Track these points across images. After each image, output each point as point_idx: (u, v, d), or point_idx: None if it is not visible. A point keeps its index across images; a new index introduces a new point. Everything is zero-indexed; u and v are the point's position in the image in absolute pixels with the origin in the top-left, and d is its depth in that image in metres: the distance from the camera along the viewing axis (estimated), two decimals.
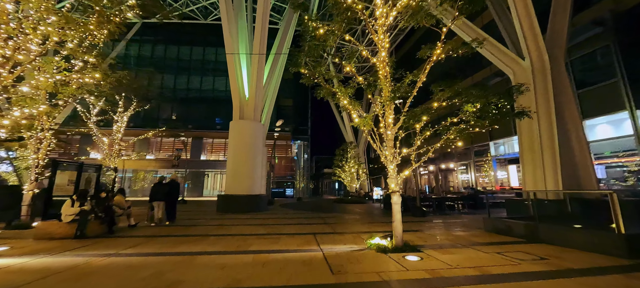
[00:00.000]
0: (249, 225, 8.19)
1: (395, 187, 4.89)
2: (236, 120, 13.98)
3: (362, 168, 23.71)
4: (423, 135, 5.06)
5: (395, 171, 5.01)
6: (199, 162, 35.32)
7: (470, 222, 8.69)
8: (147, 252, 4.80)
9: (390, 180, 4.96)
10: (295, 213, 12.11)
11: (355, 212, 12.79)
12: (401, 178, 4.97)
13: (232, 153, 13.58)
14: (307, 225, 8.13)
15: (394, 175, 4.94)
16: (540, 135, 8.90)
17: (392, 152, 5.01)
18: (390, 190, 4.93)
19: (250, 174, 13.30)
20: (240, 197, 12.63)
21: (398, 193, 4.87)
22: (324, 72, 5.43)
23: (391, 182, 4.95)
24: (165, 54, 39.05)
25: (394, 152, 5.04)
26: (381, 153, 5.13)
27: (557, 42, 9.49)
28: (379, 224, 8.37)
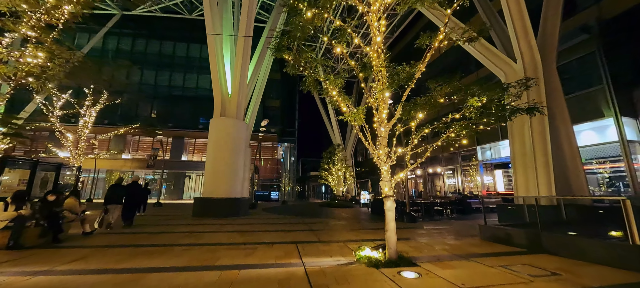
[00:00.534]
0: (225, 232, 7.35)
1: (389, 191, 4.27)
2: (217, 117, 13.05)
3: (350, 172, 23.19)
4: (420, 133, 4.49)
5: (389, 173, 4.40)
6: (179, 163, 33.61)
7: (463, 229, 8.24)
8: (88, 268, 3.91)
9: (384, 183, 4.34)
10: (278, 218, 11.31)
11: (342, 217, 12.15)
12: (395, 181, 4.36)
13: (211, 153, 12.62)
14: (290, 232, 7.38)
15: (388, 178, 4.32)
16: (533, 139, 8.65)
17: (386, 152, 4.40)
18: (384, 195, 4.31)
19: (230, 176, 12.38)
20: (218, 201, 11.68)
21: (392, 199, 4.26)
22: (310, 60, 4.77)
23: (384, 185, 4.33)
24: (147, 48, 37.24)
25: (388, 151, 4.44)
26: (373, 153, 4.51)
27: (549, 45, 9.34)
28: (368, 231, 7.76)
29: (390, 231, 4.21)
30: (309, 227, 8.37)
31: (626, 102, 11.31)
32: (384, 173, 4.32)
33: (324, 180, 22.22)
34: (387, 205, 4.28)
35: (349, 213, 14.24)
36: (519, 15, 9.36)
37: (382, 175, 4.36)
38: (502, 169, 17.80)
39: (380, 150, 4.33)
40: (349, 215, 12.82)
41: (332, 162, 21.85)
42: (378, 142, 4.47)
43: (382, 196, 4.34)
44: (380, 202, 14.32)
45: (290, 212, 14.50)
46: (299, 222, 10.01)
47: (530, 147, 8.70)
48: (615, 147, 11.35)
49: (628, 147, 10.66)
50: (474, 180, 19.81)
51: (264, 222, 10.01)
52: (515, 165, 9.22)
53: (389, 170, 4.36)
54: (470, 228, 8.50)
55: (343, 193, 26.28)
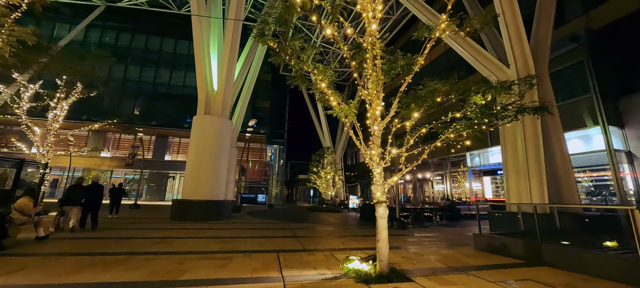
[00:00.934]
0: (200, 238, 6.70)
1: (382, 196, 3.82)
2: (201, 115, 12.35)
3: (339, 175, 22.77)
4: (416, 133, 4.08)
5: (382, 176, 3.95)
6: (162, 163, 32.28)
7: (455, 237, 7.92)
8: (20, 284, 3.24)
9: (376, 187, 3.89)
10: (262, 223, 10.69)
11: (329, 222, 11.65)
12: (389, 185, 3.92)
13: (193, 153, 11.88)
14: (272, 239, 6.82)
15: (381, 182, 3.88)
16: (526, 146, 8.48)
17: (379, 152, 3.96)
18: (375, 200, 3.85)
19: (212, 177, 11.67)
20: (199, 203, 10.94)
21: (385, 205, 3.81)
22: (298, 49, 4.29)
23: (376, 189, 3.87)
24: (132, 43, 35.85)
25: (381, 152, 4.00)
26: (365, 154, 4.06)
27: (541, 51, 9.28)
28: (357, 239, 7.29)
29: (382, 241, 3.75)
30: (293, 233, 7.82)
31: (613, 112, 11.44)
32: (377, 176, 3.87)
33: (312, 184, 21.68)
34: (379, 212, 3.82)
35: (337, 218, 13.76)
36: (513, 21, 9.25)
37: (374, 178, 3.91)
38: (491, 176, 17.83)
39: (373, 150, 3.88)
40: (337, 221, 12.34)
41: (321, 165, 21.38)
42: (371, 142, 4.02)
43: (374, 201, 3.88)
44: (370, 207, 13.97)
45: (276, 216, 13.87)
46: (283, 227, 9.44)
47: (523, 153, 8.53)
48: (602, 156, 11.43)
49: (615, 156, 10.72)
50: (462, 186, 19.80)
51: (246, 226, 9.38)
52: (507, 172, 9.03)
53: (382, 173, 3.91)
54: (463, 236, 8.19)
55: (332, 197, 25.81)
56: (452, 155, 19.59)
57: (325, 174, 21.15)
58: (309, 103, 32.93)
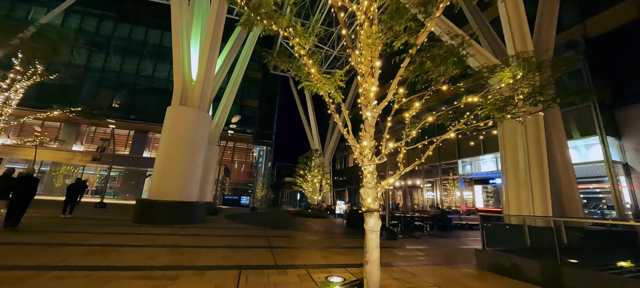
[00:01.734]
0: (153, 246, 5.55)
1: (374, 203, 2.88)
2: (175, 105, 11.15)
3: (326, 179, 21.80)
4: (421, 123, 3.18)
5: (375, 177, 3.01)
6: (140, 160, 30.40)
7: (452, 251, 7.08)
8: None
9: (366, 192, 2.95)
10: (237, 229, 9.56)
11: (313, 229, 10.63)
12: (382, 189, 2.98)
13: (163, 147, 10.64)
14: (241, 250, 5.75)
15: (372, 184, 2.94)
16: (528, 152, 7.79)
17: (372, 146, 3.02)
18: (365, 208, 2.91)
19: (185, 175, 10.45)
20: (166, 204, 9.69)
21: (377, 215, 2.87)
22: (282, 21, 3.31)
23: (367, 193, 2.93)
24: (114, 31, 33.93)
25: (374, 145, 3.07)
26: (354, 147, 3.12)
27: (544, 52, 8.70)
28: (341, 252, 6.32)
29: (372, 263, 2.80)
30: (268, 243, 6.76)
31: (610, 122, 11.06)
32: (368, 176, 2.93)
33: (298, 187, 20.61)
34: (368, 224, 2.87)
35: (322, 224, 12.75)
36: (517, 22, 8.65)
37: (364, 179, 2.97)
38: (482, 185, 17.33)
39: (365, 141, 2.94)
40: (322, 228, 11.33)
41: (309, 168, 20.36)
42: (362, 132, 3.08)
43: (363, 209, 2.93)
44: (357, 214, 13.04)
45: (255, 221, 12.72)
46: (259, 234, 8.35)
47: (524, 160, 7.84)
48: (598, 167, 11.00)
49: (613, 168, 10.28)
50: (453, 194, 19.23)
51: (217, 233, 8.24)
52: (506, 180, 8.32)
53: (375, 173, 2.97)
54: (460, 250, 7.36)
55: (318, 202, 24.78)
56: (444, 162, 19.03)
57: (312, 177, 20.14)
58: (299, 103, 31.97)
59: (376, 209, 2.90)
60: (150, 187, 10.32)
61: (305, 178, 20.32)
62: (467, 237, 10.57)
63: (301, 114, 31.05)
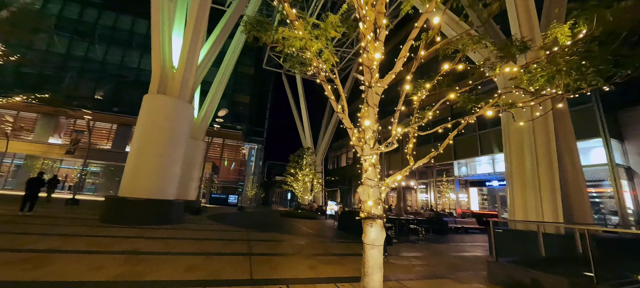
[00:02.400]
0: (105, 253, 4.65)
1: (376, 207, 2.10)
2: (152, 94, 10.17)
3: (318, 179, 21.01)
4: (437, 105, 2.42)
5: (377, 171, 2.23)
6: (123, 155, 28.65)
7: (454, 260, 6.39)
8: None
9: (365, 191, 2.17)
10: (218, 231, 8.67)
11: (301, 232, 9.82)
12: (387, 187, 2.20)
13: (137, 139, 9.64)
14: (214, 258, 4.90)
15: (375, 181, 2.15)
16: (536, 153, 7.18)
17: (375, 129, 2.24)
18: (364, 213, 2.13)
19: (160, 171, 9.49)
20: (139, 203, 8.72)
21: (380, 224, 2.09)
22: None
23: (366, 193, 2.16)
24: (98, 19, 32.27)
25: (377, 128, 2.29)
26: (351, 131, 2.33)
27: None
28: (331, 260, 5.54)
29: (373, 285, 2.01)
30: (249, 248, 5.92)
31: (612, 124, 10.66)
32: (369, 170, 2.17)
33: (288, 186, 19.74)
34: (369, 235, 2.10)
35: (312, 226, 11.94)
36: (525, 10, 8.06)
37: (363, 174, 2.18)
38: (478, 187, 16.88)
39: (367, 121, 2.16)
40: (311, 230, 10.53)
41: (300, 167, 19.52)
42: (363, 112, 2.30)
43: (361, 215, 2.14)
44: (349, 215, 12.27)
45: (241, 222, 11.82)
46: (241, 238, 7.50)
47: (532, 162, 7.23)
48: (601, 170, 10.57)
49: (617, 171, 9.86)
50: (447, 196, 18.73)
51: (191, 235, 7.34)
52: (511, 183, 7.70)
53: (378, 166, 2.19)
54: (462, 259, 6.68)
55: (310, 202, 23.98)
56: (438, 163, 18.50)
57: (304, 176, 19.31)
58: (292, 100, 31.08)
59: (379, 215, 2.12)
60: (122, 183, 9.31)
61: (296, 177, 19.47)
62: (465, 242, 9.96)
63: (293, 111, 30.16)
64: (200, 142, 16.92)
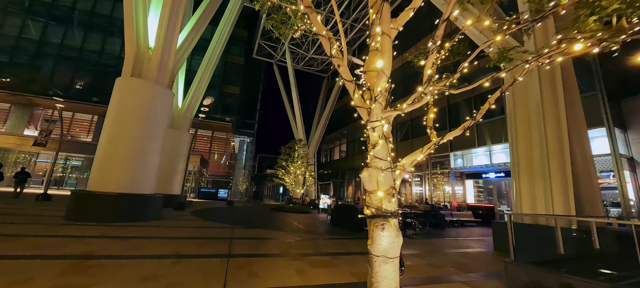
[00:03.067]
0: (47, 257, 3.82)
1: (387, 198, 1.36)
2: (126, 77, 9.16)
3: (310, 171, 20.30)
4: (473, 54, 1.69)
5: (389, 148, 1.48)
6: None
7: (458, 256, 5.79)
8: None
9: (373, 178, 1.41)
10: (198, 228, 7.88)
11: (291, 227, 9.11)
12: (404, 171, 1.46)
13: (108, 127, 8.65)
14: (185, 262, 4.13)
15: (387, 159, 1.40)
16: (546, 140, 6.61)
17: (385, 90, 1.48)
18: (371, 210, 1.37)
19: (135, 163, 8.56)
20: (109, 197, 7.80)
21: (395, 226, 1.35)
22: None
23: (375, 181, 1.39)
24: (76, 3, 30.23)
25: (388, 87, 1.53)
26: (352, 87, 1.57)
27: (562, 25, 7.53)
28: (322, 261, 4.85)
29: None
30: (229, 249, 5.16)
31: (615, 113, 10.26)
32: (379, 145, 1.44)
33: (279, 180, 18.97)
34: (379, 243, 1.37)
35: (303, 221, 11.26)
36: None
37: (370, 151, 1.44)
38: (474, 179, 16.51)
39: (380, 60, 1.41)
40: (302, 225, 9.84)
41: (291, 159, 18.74)
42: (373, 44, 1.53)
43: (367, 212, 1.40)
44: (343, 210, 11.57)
45: (227, 217, 11.03)
46: (222, 235, 6.73)
47: (542, 150, 6.66)
48: (603, 161, 10.20)
49: (620, 162, 9.48)
50: (442, 189, 18.33)
51: (166, 234, 6.52)
52: (518, 173, 7.14)
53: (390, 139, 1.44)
54: (466, 255, 6.09)
55: (302, 196, 23.29)
56: (434, 155, 18.02)
57: (295, 169, 18.55)
58: (283, 91, 30.06)
59: (394, 212, 1.38)
60: (90, 176, 8.34)
61: (287, 170, 18.70)
62: (464, 236, 9.47)
63: (285, 102, 29.18)
64: (185, 133, 15.91)
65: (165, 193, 13.36)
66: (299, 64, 30.99)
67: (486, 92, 13.98)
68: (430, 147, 1.75)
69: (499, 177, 14.60)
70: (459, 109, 16.80)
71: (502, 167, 14.23)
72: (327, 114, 27.25)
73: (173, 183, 14.66)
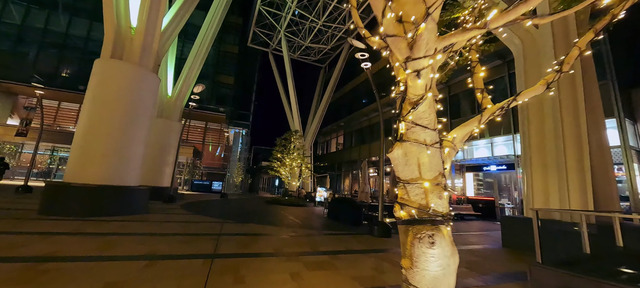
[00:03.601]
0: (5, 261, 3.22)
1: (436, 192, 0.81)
2: (105, 59, 8.38)
3: (306, 163, 19.74)
4: None
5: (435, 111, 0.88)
6: None
7: (467, 254, 5.32)
8: None
9: (412, 157, 0.81)
10: (184, 223, 7.29)
11: (286, 222, 8.59)
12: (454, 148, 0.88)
13: (86, 114, 7.93)
14: (160, 264, 3.57)
15: (434, 127, 0.81)
16: (563, 130, 6.11)
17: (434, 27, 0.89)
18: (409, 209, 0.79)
19: (117, 152, 7.89)
20: (87, 190, 7.15)
21: (448, 236, 0.79)
22: None
23: (415, 162, 0.80)
24: None
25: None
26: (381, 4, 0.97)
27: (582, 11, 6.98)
28: (320, 261, 4.33)
29: None
30: (215, 247, 4.60)
31: (625, 103, 9.84)
32: (421, 107, 0.84)
33: (274, 172, 18.40)
34: (427, 268, 0.83)
35: (299, 215, 10.75)
36: None
37: (406, 118, 0.84)
38: (474, 172, 16.14)
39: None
40: (298, 219, 9.33)
41: (287, 150, 18.14)
42: None
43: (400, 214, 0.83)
44: (341, 203, 11.10)
45: (218, 211, 10.46)
46: (211, 231, 6.17)
47: (557, 139, 6.17)
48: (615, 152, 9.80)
49: (630, 154, 9.10)
50: None
51: (148, 230, 5.93)
52: (529, 165, 6.67)
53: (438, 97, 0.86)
54: (473, 252, 5.63)
55: (298, 188, 22.80)
56: None
57: (291, 161, 17.98)
58: (279, 81, 29.20)
59: (445, 215, 0.82)
60: (68, 166, 7.67)
61: (283, 162, 18.11)
62: (466, 231, 9.06)
63: (281, 92, 28.37)
64: (175, 123, 15.16)
65: (154, 185, 12.74)
66: (295, 54, 30.06)
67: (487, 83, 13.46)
68: (494, 113, 1.22)
69: (500, 170, 14.22)
70: (459, 100, 16.32)
71: (505, 159, 13.84)
72: (324, 105, 26.58)
73: (163, 175, 13.99)
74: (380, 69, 20.32)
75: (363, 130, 25.14)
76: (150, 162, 13.07)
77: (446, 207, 0.96)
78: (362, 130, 25.24)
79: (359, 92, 26.86)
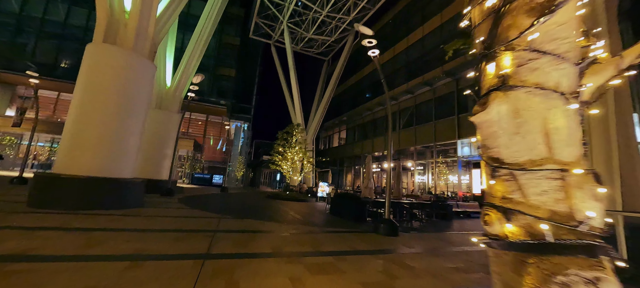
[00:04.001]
0: None
1: (589, 192, 0.51)
2: (97, 43, 7.96)
3: (308, 158, 19.34)
4: None
5: None
6: None
7: (482, 256, 4.90)
8: None
9: (529, 116, 0.56)
10: (179, 218, 6.93)
11: (287, 218, 8.21)
12: None
13: (77, 102, 7.53)
14: (146, 265, 3.19)
15: (573, 43, 0.64)
16: (589, 127, 5.61)
17: None
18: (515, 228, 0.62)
19: (110, 142, 7.51)
20: (78, 181, 6.79)
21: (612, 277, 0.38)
22: None
23: (535, 130, 0.59)
24: None
25: None
26: None
27: None
28: (322, 263, 3.94)
29: None
30: (209, 246, 4.21)
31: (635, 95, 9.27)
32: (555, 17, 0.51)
33: (275, 166, 18.02)
34: None
35: (300, 210, 10.38)
36: None
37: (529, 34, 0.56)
38: None
39: None
40: (299, 215, 8.95)
41: (289, 144, 17.72)
42: None
43: (499, 229, 0.84)
44: (344, 198, 10.65)
45: (216, 206, 10.12)
46: (206, 228, 5.79)
47: None
48: None
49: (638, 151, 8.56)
50: (445, 178, 17.52)
51: (137, 226, 5.56)
52: None
53: None
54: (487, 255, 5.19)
55: (299, 183, 22.46)
56: (439, 143, 17.09)
57: (293, 155, 17.57)
58: (281, 73, 28.66)
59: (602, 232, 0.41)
60: (58, 157, 7.30)
61: (284, 156, 17.72)
62: (475, 230, 8.63)
63: (283, 85, 27.85)
64: (174, 115, 14.77)
65: (151, 178, 12.41)
66: (297, 46, 29.44)
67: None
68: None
69: None
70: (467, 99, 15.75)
71: None
72: (326, 99, 26.05)
73: (161, 167, 13.65)
74: (386, 61, 19.71)
75: (366, 125, 24.63)
76: (148, 154, 12.73)
77: (603, 218, 0.55)
78: (365, 125, 24.73)
79: (363, 85, 26.27)
